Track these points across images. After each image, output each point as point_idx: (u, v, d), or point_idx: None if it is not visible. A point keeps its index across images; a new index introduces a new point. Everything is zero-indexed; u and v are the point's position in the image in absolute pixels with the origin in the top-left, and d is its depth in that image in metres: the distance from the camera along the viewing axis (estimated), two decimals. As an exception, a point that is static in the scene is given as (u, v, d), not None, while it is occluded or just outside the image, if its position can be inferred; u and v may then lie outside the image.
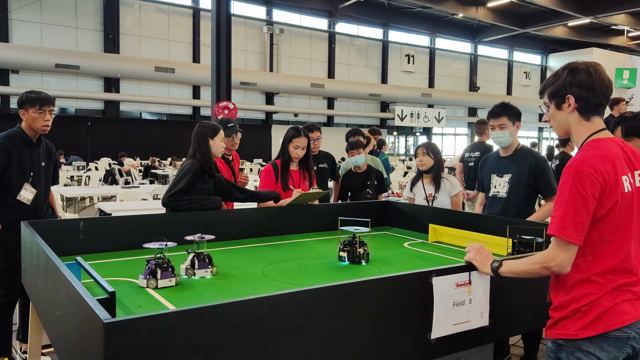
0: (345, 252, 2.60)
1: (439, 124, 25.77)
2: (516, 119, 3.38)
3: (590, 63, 1.72)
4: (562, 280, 1.72)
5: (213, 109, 10.72)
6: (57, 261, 1.78)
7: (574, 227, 1.59)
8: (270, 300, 1.47)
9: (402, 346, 1.76)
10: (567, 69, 1.73)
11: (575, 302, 1.67)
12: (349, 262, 2.58)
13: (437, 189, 3.94)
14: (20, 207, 3.26)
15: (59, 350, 1.79)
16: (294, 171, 3.79)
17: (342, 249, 2.62)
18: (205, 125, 3.44)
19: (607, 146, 1.67)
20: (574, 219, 1.59)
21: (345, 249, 2.60)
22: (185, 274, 2.30)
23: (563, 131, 1.79)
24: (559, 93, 1.74)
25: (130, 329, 1.26)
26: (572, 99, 1.71)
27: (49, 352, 3.42)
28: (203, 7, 20.07)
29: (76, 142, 17.36)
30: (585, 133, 1.72)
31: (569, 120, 1.75)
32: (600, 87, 1.69)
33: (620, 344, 1.65)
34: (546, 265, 1.64)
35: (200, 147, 3.33)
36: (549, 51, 30.42)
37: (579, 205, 1.59)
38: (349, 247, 2.59)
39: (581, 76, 1.69)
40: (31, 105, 3.23)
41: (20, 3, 16.79)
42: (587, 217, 1.60)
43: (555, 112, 1.77)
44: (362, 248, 2.58)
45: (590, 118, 1.72)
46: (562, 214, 1.60)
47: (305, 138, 3.70)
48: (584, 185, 1.59)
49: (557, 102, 1.75)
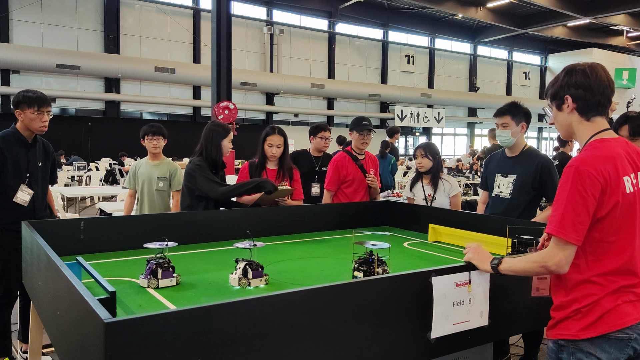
0: (361, 272, 2.11)
1: (439, 124, 25.76)
2: (522, 119, 3.33)
3: (589, 64, 1.74)
4: (563, 280, 1.72)
5: (213, 109, 10.72)
6: (58, 261, 1.78)
7: (573, 227, 1.59)
8: (270, 300, 1.47)
9: (402, 346, 1.76)
10: (564, 71, 1.77)
11: (577, 303, 1.67)
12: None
13: (435, 190, 3.94)
14: (17, 209, 3.22)
15: (60, 350, 1.79)
16: (271, 170, 3.79)
17: (357, 269, 2.13)
18: (219, 124, 3.58)
19: (610, 146, 1.68)
20: (573, 218, 1.59)
21: (360, 269, 2.12)
22: (237, 285, 2.10)
23: (566, 132, 1.81)
24: (558, 94, 1.77)
25: (130, 328, 1.26)
26: (569, 100, 1.74)
27: (49, 351, 3.42)
28: (203, 7, 20.07)
29: (77, 142, 17.34)
30: (588, 133, 1.74)
31: (569, 121, 1.77)
32: (597, 87, 1.70)
33: (621, 345, 1.64)
34: (544, 265, 1.65)
35: (210, 145, 3.44)
36: (549, 51, 30.41)
37: (578, 205, 1.59)
38: (365, 267, 2.11)
39: (577, 77, 1.72)
40: (29, 106, 3.17)
41: (21, 3, 16.79)
42: (587, 217, 1.60)
43: (556, 113, 1.80)
44: (381, 267, 2.12)
45: (591, 118, 1.73)
46: (562, 214, 1.61)
47: (279, 136, 3.71)
48: (584, 185, 1.59)
49: (557, 103, 1.78)
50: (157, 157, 4.27)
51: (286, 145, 3.77)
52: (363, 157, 4.19)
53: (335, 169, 4.09)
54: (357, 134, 4.10)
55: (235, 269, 2.16)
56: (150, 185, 4.17)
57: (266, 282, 2.17)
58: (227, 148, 3.51)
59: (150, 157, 4.28)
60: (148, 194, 4.18)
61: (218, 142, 3.45)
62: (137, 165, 4.31)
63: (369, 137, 4.14)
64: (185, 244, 2.87)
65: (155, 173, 4.19)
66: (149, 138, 4.20)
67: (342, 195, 4.11)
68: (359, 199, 4.09)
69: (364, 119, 4.14)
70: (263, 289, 2.12)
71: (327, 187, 4.11)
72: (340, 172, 4.08)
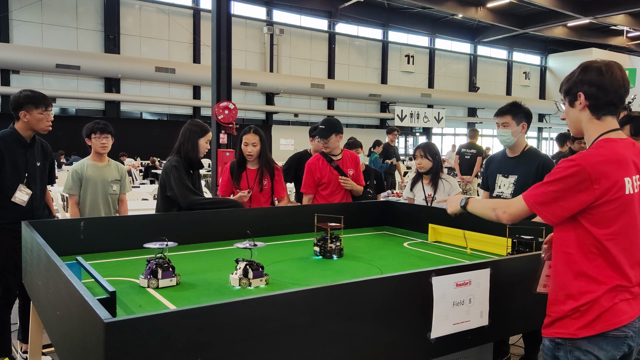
0: (318, 247, 2.77)
1: (439, 124, 25.75)
2: (523, 119, 3.33)
3: (606, 62, 1.75)
4: (560, 278, 1.73)
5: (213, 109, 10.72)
6: (58, 261, 1.78)
7: (548, 208, 1.67)
8: (270, 300, 1.47)
9: (402, 346, 1.76)
10: (580, 67, 1.78)
11: (574, 301, 1.68)
12: (321, 256, 2.74)
13: (435, 190, 3.94)
14: (15, 209, 3.22)
15: (60, 350, 1.79)
16: (251, 170, 3.79)
17: (316, 244, 2.78)
18: (197, 124, 3.53)
19: (615, 147, 1.69)
20: (552, 201, 1.66)
21: (318, 244, 2.77)
22: (238, 285, 2.11)
23: (575, 129, 1.84)
24: (571, 90, 1.79)
25: (130, 328, 1.26)
26: (582, 97, 1.75)
27: (49, 351, 3.42)
28: (203, 7, 20.06)
29: (77, 142, 17.33)
30: (596, 132, 1.75)
31: (580, 118, 1.79)
32: (611, 86, 1.71)
33: (618, 342, 1.67)
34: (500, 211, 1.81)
35: (186, 143, 3.41)
36: (549, 51, 30.40)
37: (563, 194, 1.64)
38: (321, 242, 2.76)
39: (592, 74, 1.73)
40: (36, 107, 3.19)
41: (21, 3, 16.78)
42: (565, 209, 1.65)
43: (568, 109, 1.83)
44: (335, 243, 2.74)
45: (602, 117, 1.75)
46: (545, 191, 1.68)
47: (254, 135, 3.72)
48: (577, 180, 1.62)
49: (570, 99, 1.81)
50: (103, 158, 3.91)
51: (263, 144, 3.76)
52: (339, 158, 4.08)
53: (309, 171, 4.03)
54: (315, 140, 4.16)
55: (235, 269, 2.16)
56: (105, 190, 3.84)
57: (267, 282, 2.17)
58: (203, 148, 3.46)
59: (96, 157, 3.89)
60: (103, 199, 3.83)
61: (195, 141, 3.42)
62: (79, 168, 3.83)
63: (324, 141, 4.00)
64: (185, 244, 2.87)
65: (107, 176, 3.87)
66: (96, 137, 3.83)
67: (320, 198, 4.04)
68: (337, 200, 4.02)
69: (318, 125, 4.11)
70: (263, 289, 2.11)
71: (302, 190, 4.07)
72: (315, 175, 4.01)
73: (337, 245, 2.76)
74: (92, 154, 3.92)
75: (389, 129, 9.01)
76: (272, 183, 3.82)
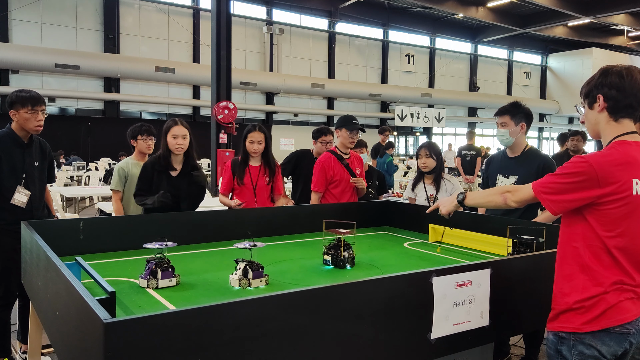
0: (329, 256, 2.51)
1: (439, 124, 25.73)
2: (522, 119, 3.33)
3: (627, 66, 1.79)
4: (566, 271, 1.77)
5: (213, 109, 10.71)
6: (57, 261, 1.78)
7: (552, 197, 1.74)
8: (270, 300, 1.47)
9: (402, 346, 1.76)
10: (600, 71, 1.82)
11: (578, 294, 1.72)
12: (333, 266, 2.51)
13: (438, 190, 3.93)
14: (15, 210, 3.20)
15: (59, 351, 1.79)
16: (254, 167, 3.85)
17: (327, 252, 2.53)
18: (168, 120, 3.55)
19: (627, 149, 1.72)
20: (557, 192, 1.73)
21: (329, 253, 2.52)
22: (238, 285, 2.11)
23: (593, 131, 1.87)
24: (591, 93, 1.83)
25: (130, 329, 1.26)
26: (601, 99, 1.79)
27: (49, 352, 3.41)
28: (203, 7, 20.06)
29: (76, 142, 17.35)
30: (612, 134, 1.79)
31: (598, 120, 1.83)
32: (631, 89, 1.75)
33: (621, 339, 1.71)
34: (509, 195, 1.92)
35: (160, 141, 3.52)
36: (549, 51, 30.38)
37: (568, 187, 1.70)
38: (333, 251, 2.51)
39: (612, 77, 1.77)
40: (22, 106, 3.12)
41: (20, 3, 16.78)
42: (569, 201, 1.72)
43: (588, 111, 1.86)
44: (347, 251, 2.50)
45: (619, 120, 1.78)
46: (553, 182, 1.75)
47: (260, 133, 3.80)
48: (584, 178, 1.67)
49: (589, 101, 1.84)
50: (145, 158, 4.05)
51: (267, 142, 3.87)
52: (348, 157, 4.12)
53: (322, 169, 4.01)
54: (347, 133, 4.02)
55: (235, 270, 2.15)
56: None
57: (266, 283, 2.17)
58: (171, 144, 3.42)
59: (140, 157, 4.10)
60: None
61: (165, 139, 3.47)
62: (125, 166, 4.05)
63: (357, 136, 4.10)
64: (185, 244, 2.87)
65: None
66: (142, 138, 4.06)
67: (330, 196, 4.04)
68: (346, 199, 4.03)
69: (354, 118, 4.10)
70: (263, 289, 2.11)
71: (314, 188, 4.04)
72: (327, 173, 4.00)
73: (350, 254, 2.51)
74: (135, 153, 4.14)
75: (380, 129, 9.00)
76: (272, 179, 3.89)
